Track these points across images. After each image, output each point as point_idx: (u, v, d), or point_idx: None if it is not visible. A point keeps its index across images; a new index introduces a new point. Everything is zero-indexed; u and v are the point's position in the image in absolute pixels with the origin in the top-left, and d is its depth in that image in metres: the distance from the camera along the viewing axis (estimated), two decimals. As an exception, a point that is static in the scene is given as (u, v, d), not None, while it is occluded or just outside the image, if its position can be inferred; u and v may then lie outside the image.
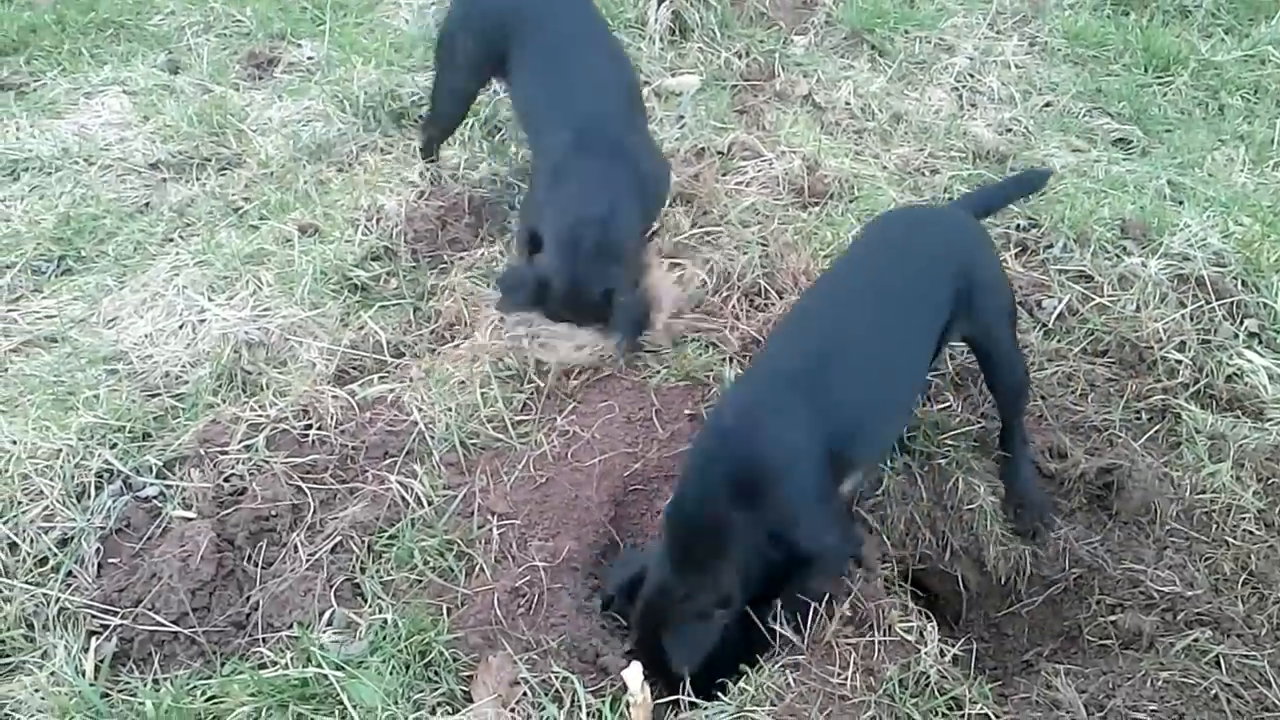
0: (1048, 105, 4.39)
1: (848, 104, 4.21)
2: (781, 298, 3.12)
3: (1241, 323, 3.14)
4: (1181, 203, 3.72)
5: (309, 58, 4.45)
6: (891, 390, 2.45)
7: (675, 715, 2.20)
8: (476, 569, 2.46)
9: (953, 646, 2.34)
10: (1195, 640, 2.35)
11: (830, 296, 2.52)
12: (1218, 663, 2.31)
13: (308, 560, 2.43)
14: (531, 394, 2.87)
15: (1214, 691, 2.24)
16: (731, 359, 2.93)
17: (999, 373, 2.66)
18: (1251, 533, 2.61)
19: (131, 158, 3.79)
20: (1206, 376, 2.98)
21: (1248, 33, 4.88)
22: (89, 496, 2.52)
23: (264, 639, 2.31)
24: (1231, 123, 4.36)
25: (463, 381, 2.84)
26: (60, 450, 2.57)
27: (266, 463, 2.60)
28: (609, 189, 2.94)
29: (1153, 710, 2.20)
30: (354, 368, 2.97)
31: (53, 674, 2.20)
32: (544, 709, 2.16)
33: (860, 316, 2.41)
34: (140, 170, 3.76)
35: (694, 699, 2.20)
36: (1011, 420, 2.72)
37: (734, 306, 3.12)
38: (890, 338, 2.41)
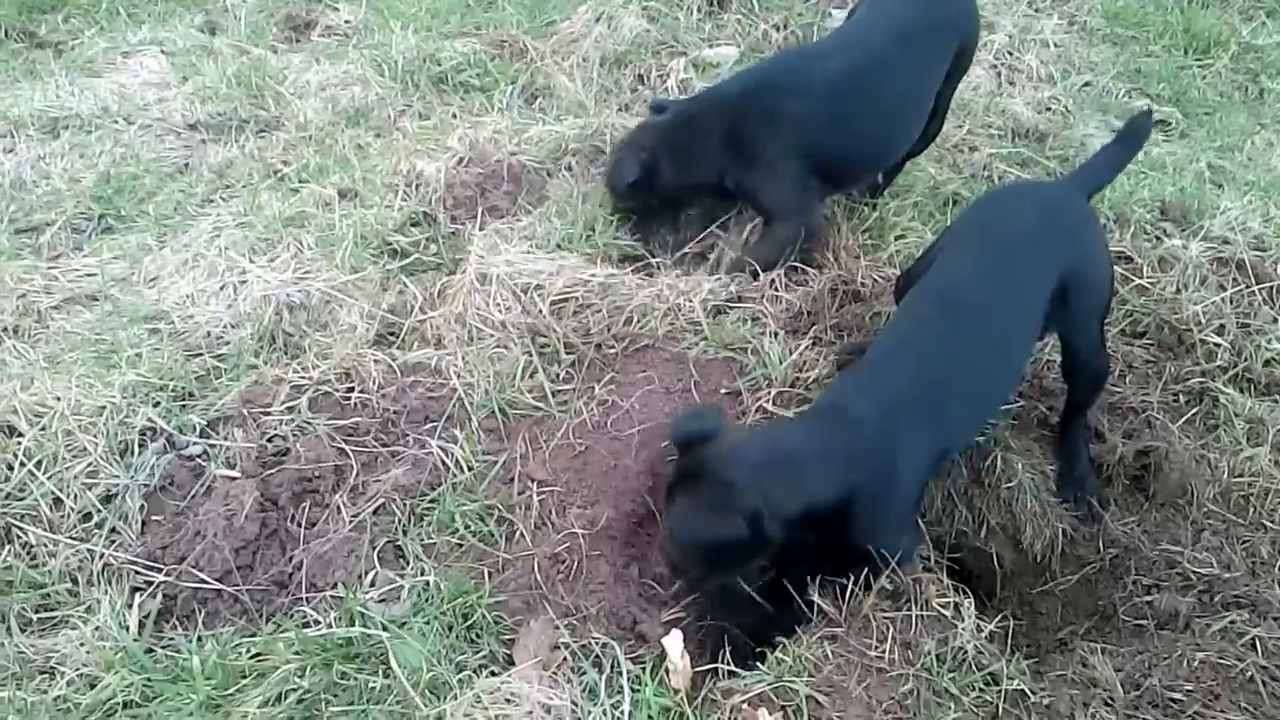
0: (1087, 85, 4.36)
1: (886, 79, 4.17)
2: (821, 272, 3.12)
3: (1281, 307, 3.12)
4: (1221, 186, 3.70)
5: (346, 21, 4.45)
6: (994, 396, 2.56)
7: (714, 683, 2.22)
8: (517, 534, 2.47)
9: (989, 623, 2.34)
10: (1232, 622, 2.35)
11: (946, 300, 2.47)
12: (1254, 645, 2.30)
13: (350, 521, 2.44)
14: (571, 363, 2.87)
15: (1250, 673, 2.24)
16: (774, 334, 2.93)
17: (1082, 367, 2.64)
18: (1289, 517, 2.61)
19: (170, 118, 3.80)
20: (1245, 360, 2.96)
21: (1290, 16, 4.84)
22: (132, 453, 2.54)
23: (306, 598, 2.33)
24: (1272, 107, 4.33)
25: (500, 349, 2.85)
26: (104, 407, 2.58)
27: (309, 424, 2.61)
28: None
29: (1189, 690, 2.21)
30: (391, 332, 2.98)
31: (97, 629, 2.22)
32: (584, 674, 2.18)
33: (976, 330, 2.43)
34: (179, 131, 3.77)
35: (733, 668, 2.21)
36: (1080, 409, 2.72)
37: (774, 279, 3.12)
38: (1000, 350, 2.48)
